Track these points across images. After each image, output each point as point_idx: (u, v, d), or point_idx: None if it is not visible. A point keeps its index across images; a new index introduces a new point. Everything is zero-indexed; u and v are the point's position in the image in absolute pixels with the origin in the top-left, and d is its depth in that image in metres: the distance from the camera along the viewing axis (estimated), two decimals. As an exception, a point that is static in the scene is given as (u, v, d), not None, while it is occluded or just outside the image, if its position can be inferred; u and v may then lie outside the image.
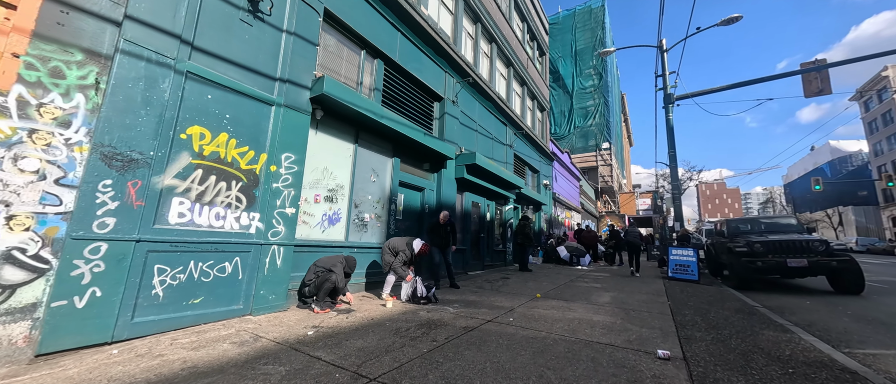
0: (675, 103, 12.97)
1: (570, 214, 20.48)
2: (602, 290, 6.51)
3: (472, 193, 8.94)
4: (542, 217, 14.89)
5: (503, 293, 5.89)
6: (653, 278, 8.91)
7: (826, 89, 10.71)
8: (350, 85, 5.56)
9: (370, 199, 5.78)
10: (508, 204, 11.22)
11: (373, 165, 5.89)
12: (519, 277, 8.10)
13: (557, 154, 18.38)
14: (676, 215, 12.48)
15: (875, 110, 42.86)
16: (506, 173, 9.76)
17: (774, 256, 7.62)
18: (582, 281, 7.85)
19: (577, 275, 8.92)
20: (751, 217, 9.77)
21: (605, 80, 30.73)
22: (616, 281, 8.00)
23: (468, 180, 8.27)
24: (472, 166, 8.03)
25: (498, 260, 10.39)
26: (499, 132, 11.01)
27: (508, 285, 6.79)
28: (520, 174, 12.95)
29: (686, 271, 8.65)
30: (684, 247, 8.98)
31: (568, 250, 12.19)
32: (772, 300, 6.67)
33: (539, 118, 16.39)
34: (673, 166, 12.54)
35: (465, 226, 8.54)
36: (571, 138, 31.82)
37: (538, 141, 14.76)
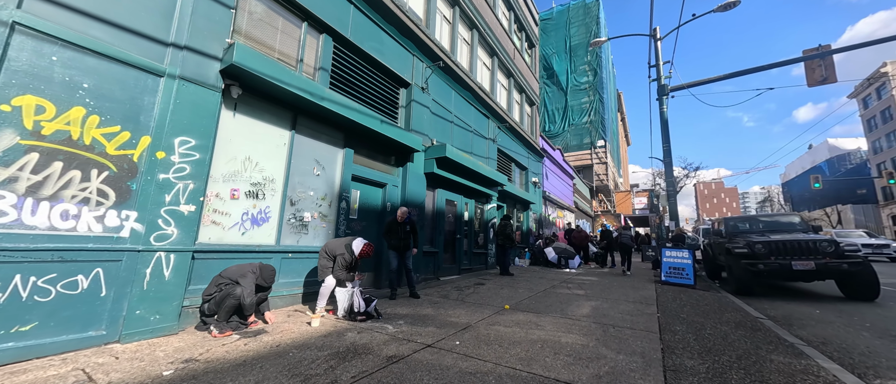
0: (669, 95, 12.23)
1: (563, 214, 19.72)
2: (584, 299, 5.73)
3: (445, 190, 8.15)
4: (530, 216, 14.12)
5: (468, 304, 5.10)
6: (645, 282, 8.14)
7: (830, 77, 9.96)
8: (286, 62, 4.75)
9: (312, 196, 4.98)
10: (490, 202, 10.43)
11: (317, 156, 5.09)
12: (496, 283, 7.31)
13: (548, 151, 17.61)
14: (671, 214, 11.72)
15: (874, 107, 42.33)
16: (485, 169, 8.97)
17: (778, 258, 6.86)
18: (565, 286, 7.07)
19: (562, 280, 8.14)
20: (751, 215, 9.02)
21: (599, 76, 30.02)
22: (603, 286, 7.22)
23: (440, 176, 7.48)
24: (443, 160, 7.24)
25: (478, 263, 9.60)
26: (480, 125, 10.22)
27: (479, 293, 6.00)
28: (504, 171, 12.17)
29: (681, 275, 7.88)
30: (679, 248, 8.21)
31: (556, 252, 11.41)
32: (776, 308, 5.91)
33: (528, 113, 15.63)
34: (667, 161, 11.79)
35: (438, 226, 7.75)
36: (566, 136, 31.09)
37: (526, 136, 13.99)
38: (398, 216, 5.64)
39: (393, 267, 5.54)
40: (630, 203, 30.88)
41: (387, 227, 5.59)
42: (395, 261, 5.56)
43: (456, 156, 7.39)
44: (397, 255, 5.59)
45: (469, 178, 8.67)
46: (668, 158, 11.77)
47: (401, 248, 5.54)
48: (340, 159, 5.51)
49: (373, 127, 5.57)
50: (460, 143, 8.94)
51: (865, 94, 43.98)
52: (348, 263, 4.00)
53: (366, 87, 6.15)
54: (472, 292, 6.07)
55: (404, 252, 5.66)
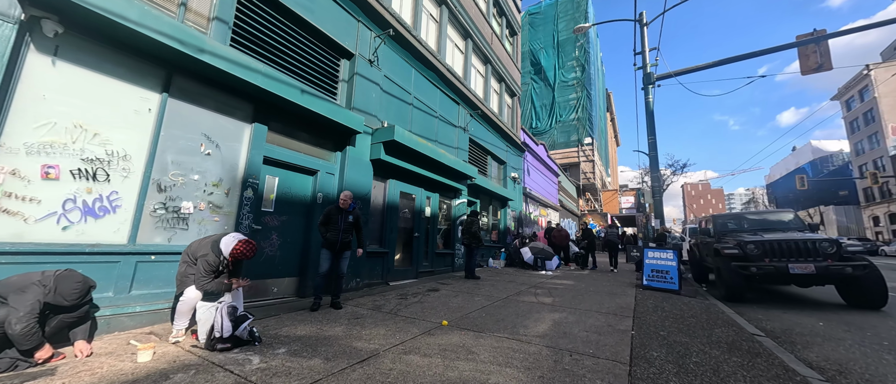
0: (655, 83, 11.40)
1: (546, 212, 18.86)
2: (548, 309, 4.75)
3: (400, 181, 7.10)
4: (508, 214, 13.16)
5: (400, 318, 4.07)
6: (625, 287, 7.23)
7: (826, 64, 9.23)
8: (157, 2, 3.64)
9: (197, 181, 3.87)
10: (459, 197, 9.42)
11: (206, 130, 3.98)
12: (453, 289, 6.29)
13: (531, 145, 16.71)
14: (656, 212, 10.89)
15: (856, 110, 42.78)
16: (449, 158, 7.95)
17: (773, 261, 6.01)
18: (532, 293, 6.10)
19: (533, 284, 7.17)
20: (742, 211, 8.20)
21: (587, 71, 29.35)
22: (576, 292, 6.28)
23: (390, 164, 6.43)
24: (392, 145, 6.19)
25: (443, 265, 8.58)
26: (448, 111, 9.20)
27: (424, 303, 4.97)
28: (478, 163, 11.18)
29: (664, 278, 7.00)
30: (662, 249, 7.33)
31: (532, 252, 10.47)
32: (772, 319, 5.03)
33: (509, 104, 14.67)
34: (653, 155, 10.96)
35: (389, 222, 6.70)
36: (553, 133, 30.35)
37: (506, 129, 13.03)
38: (341, 201, 4.59)
39: (322, 270, 4.47)
40: (617, 202, 30.30)
41: (325, 216, 4.53)
42: (327, 262, 4.50)
43: (408, 140, 6.35)
44: (331, 256, 4.52)
45: (430, 169, 7.63)
46: (653, 151, 10.94)
47: (337, 246, 4.50)
48: (247, 137, 4.41)
49: (291, 98, 4.48)
50: (421, 128, 7.90)
51: (848, 97, 44.46)
52: (213, 268, 2.92)
53: (288, 52, 5.06)
54: (416, 302, 5.04)
55: (342, 252, 4.60)
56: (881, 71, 38.27)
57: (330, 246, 4.54)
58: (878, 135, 39.26)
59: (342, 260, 4.71)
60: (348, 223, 4.66)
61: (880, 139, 38.80)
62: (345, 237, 4.62)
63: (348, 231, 4.67)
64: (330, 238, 4.51)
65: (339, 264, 4.69)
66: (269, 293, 4.64)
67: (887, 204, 38.23)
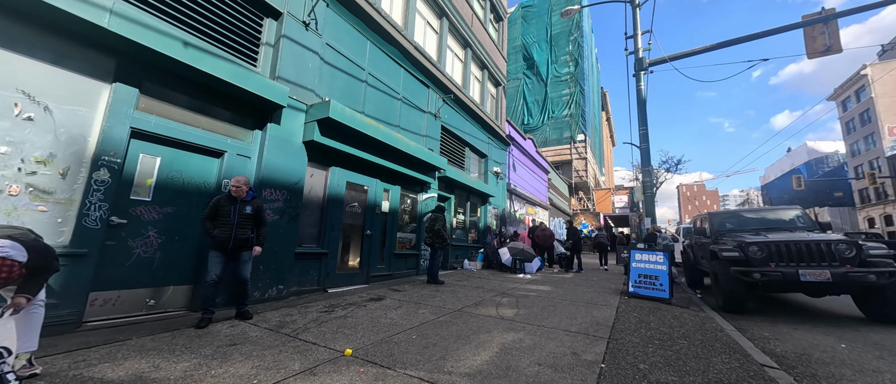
0: (647, 70, 10.45)
1: (534, 211, 17.89)
2: (503, 328, 3.75)
3: (346, 170, 6.06)
4: (489, 211, 12.16)
5: (294, 342, 3.04)
6: (608, 294, 6.25)
7: (834, 47, 8.31)
8: None
9: (5, 155, 2.81)
10: (427, 191, 8.40)
11: (26, 85, 2.92)
12: (401, 298, 5.28)
13: (517, 139, 15.73)
14: (647, 209, 9.95)
15: (853, 110, 42.31)
16: (410, 145, 6.92)
17: (780, 266, 5.06)
18: (494, 303, 5.09)
19: (503, 291, 6.17)
20: (742, 208, 7.25)
21: (581, 66, 28.43)
22: (548, 302, 5.28)
23: (331, 148, 5.39)
24: (328, 124, 5.15)
25: (404, 267, 7.55)
26: (414, 94, 8.17)
27: (346, 319, 3.95)
28: (454, 155, 10.15)
29: (653, 285, 6.03)
30: (652, 251, 6.37)
31: (511, 253, 9.48)
32: (783, 338, 4.07)
33: (492, 93, 13.68)
34: (644, 147, 10.01)
35: (330, 218, 5.66)
36: (545, 129, 29.42)
37: (488, 119, 12.02)
38: (232, 188, 3.65)
39: (211, 277, 3.49)
40: (610, 201, 29.45)
41: (211, 209, 3.59)
42: (219, 266, 3.53)
43: (349, 119, 5.31)
44: (223, 259, 3.56)
45: (388, 157, 6.61)
46: (644, 143, 9.99)
47: (229, 245, 3.55)
48: (104, 101, 3.35)
49: (167, 52, 3.43)
50: (378, 110, 6.86)
51: (844, 97, 44.00)
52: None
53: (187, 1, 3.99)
54: (340, 317, 4.01)
55: (237, 252, 3.65)
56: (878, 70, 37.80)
57: (219, 246, 3.54)
58: (874, 135, 38.78)
59: (241, 263, 3.72)
60: (245, 216, 3.67)
61: (877, 140, 38.32)
62: (241, 234, 3.63)
63: (246, 226, 3.68)
64: (219, 236, 3.53)
65: (239, 268, 3.71)
66: (141, 307, 3.59)
67: (883, 205, 37.78)
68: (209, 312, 3.48)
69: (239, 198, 3.69)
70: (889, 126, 36.87)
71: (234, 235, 3.58)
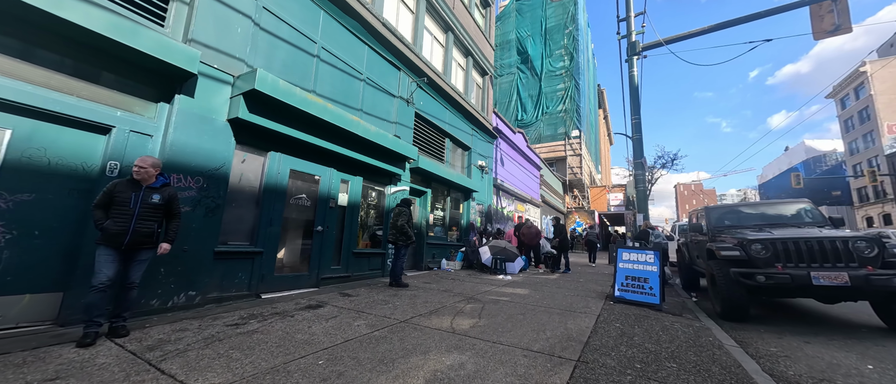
0: (641, 54, 9.70)
1: (524, 208, 17.14)
2: (447, 347, 2.98)
3: (290, 156, 5.26)
4: (472, 208, 11.39)
5: (153, 373, 2.27)
6: (591, 298, 5.49)
7: (844, 25, 7.57)
8: None
9: None
10: (396, 184, 7.61)
11: None
12: (344, 305, 4.50)
13: (506, 132, 14.95)
14: (639, 205, 9.21)
15: (851, 108, 41.78)
16: (369, 130, 6.14)
17: (788, 267, 4.32)
18: (453, 311, 4.32)
19: (471, 295, 5.41)
20: (743, 202, 6.51)
21: (576, 60, 27.67)
22: (520, 307, 4.52)
23: (267, 129, 4.60)
24: (256, 98, 4.35)
25: (365, 268, 6.77)
26: (383, 77, 7.38)
27: (252, 337, 3.17)
28: (431, 146, 9.36)
29: (642, 289, 5.27)
30: (642, 250, 5.61)
31: (492, 252, 8.72)
32: (794, 356, 3.32)
33: (478, 83, 12.90)
34: (637, 137, 9.26)
35: (267, 211, 4.87)
36: (539, 125, 28.66)
37: (472, 109, 11.24)
38: (135, 171, 2.96)
39: (100, 280, 2.72)
40: (606, 199, 28.75)
41: (105, 195, 2.87)
42: (110, 266, 2.77)
43: (284, 93, 4.51)
44: (114, 257, 2.80)
45: (344, 143, 5.82)
46: (637, 133, 9.24)
47: (125, 240, 2.83)
48: (-85, 52, 2.55)
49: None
50: (334, 90, 6.07)
51: (843, 94, 43.47)
52: None
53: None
54: (247, 333, 3.23)
55: (134, 251, 2.93)
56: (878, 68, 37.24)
57: (111, 240, 2.79)
58: (873, 133, 38.25)
59: (135, 263, 2.97)
60: (151, 206, 2.98)
61: (875, 138, 37.79)
62: (142, 227, 2.92)
63: (151, 218, 2.96)
64: (111, 228, 2.79)
65: (131, 269, 2.95)
66: (-22, 319, 2.79)
67: (881, 204, 37.29)
68: (94, 325, 2.72)
69: (144, 181, 2.95)
70: (888, 124, 36.31)
71: (132, 228, 2.84)
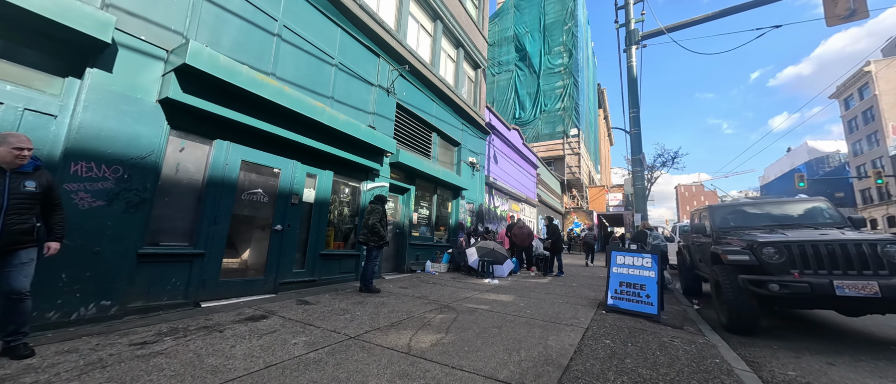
0: (640, 43, 9.11)
1: (519, 207, 16.55)
2: (387, 381, 2.40)
3: (243, 146, 4.68)
4: (461, 206, 10.81)
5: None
6: (581, 307, 4.90)
7: (860, 10, 6.97)
8: None
9: None
10: (373, 180, 7.03)
11: None
12: (295, 315, 3.92)
13: (500, 129, 14.38)
14: (637, 204, 8.62)
15: (855, 108, 41.12)
16: (336, 119, 5.56)
17: (807, 274, 3.74)
18: (419, 323, 3.74)
19: (447, 303, 4.83)
20: (752, 199, 5.91)
21: (575, 57, 27.07)
22: (498, 319, 3.94)
23: (209, 114, 4.02)
24: (191, 75, 3.77)
25: (335, 271, 6.19)
26: (360, 63, 6.80)
27: (154, 359, 2.59)
28: (415, 140, 8.78)
29: (638, 297, 4.68)
30: (639, 253, 5.02)
31: (479, 253, 8.14)
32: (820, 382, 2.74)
33: (470, 76, 12.33)
34: (635, 132, 8.67)
35: (212, 206, 4.29)
36: (537, 124, 28.07)
37: (462, 103, 10.67)
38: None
39: None
40: (604, 199, 28.15)
41: None
42: None
43: (225, 71, 3.93)
44: None
45: (309, 133, 5.25)
46: (635, 127, 8.65)
47: None
48: None
49: None
50: (298, 74, 5.49)
51: (847, 95, 42.80)
52: None
53: None
54: (148, 355, 2.65)
55: (11, 252, 2.39)
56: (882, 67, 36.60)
57: None
58: (877, 134, 37.60)
59: (14, 268, 2.41)
60: (25, 196, 2.42)
61: (880, 139, 37.14)
62: (16, 223, 2.36)
63: (26, 210, 2.42)
64: None
65: (11, 276, 2.40)
66: None
67: (886, 206, 36.63)
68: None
69: (12, 167, 2.38)
70: (893, 125, 35.67)
71: (1, 226, 2.27)
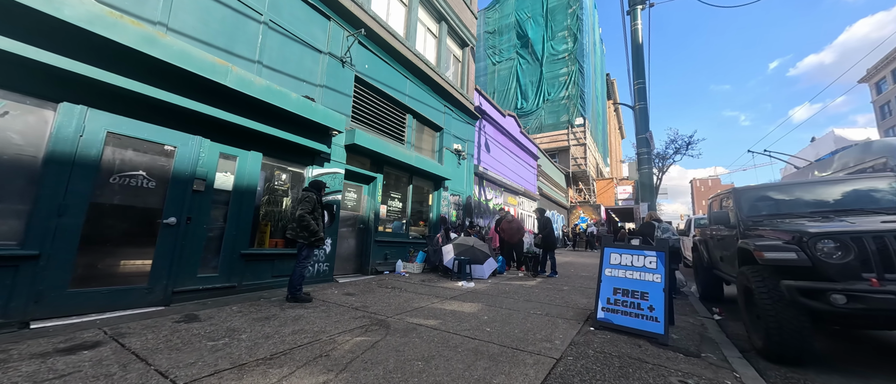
0: (646, 3, 7.75)
1: (517, 201, 15.28)
2: None
3: (114, 114, 3.63)
4: (443, 199, 9.65)
5: None
6: (562, 321, 3.71)
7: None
8: None
9: None
10: (321, 165, 5.93)
11: None
12: (151, 339, 2.85)
13: (493, 115, 13.13)
14: (643, 193, 7.33)
15: (889, 92, 38.09)
16: (250, 84, 4.47)
17: (890, 281, 2.47)
18: (315, 353, 2.62)
19: (382, 318, 3.70)
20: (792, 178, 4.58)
21: (580, 42, 25.47)
22: (433, 347, 2.78)
23: (48, 67, 2.98)
24: (6, 5, 2.72)
25: (267, 273, 5.12)
26: (303, 26, 5.70)
27: None
28: (383, 121, 7.63)
29: (638, 310, 3.45)
30: (640, 250, 3.78)
31: (456, 251, 6.98)
32: None
33: (456, 55, 11.12)
34: (641, 107, 7.35)
35: (52, 195, 3.25)
36: (540, 114, 26.60)
37: (444, 83, 9.49)
38: None
39: None
40: (613, 193, 26.53)
41: None
42: None
43: (46, 3, 2.86)
44: None
45: (218, 103, 4.18)
46: (640, 100, 7.33)
47: None
48: None
49: None
50: (206, 30, 4.40)
51: (879, 78, 39.71)
52: None
53: None
54: None
55: None
56: (921, 46, 33.60)
57: None
58: (914, 119, 34.69)
59: None
60: None
61: (917, 124, 34.24)
62: None
63: None
64: None
65: None
66: None
67: (924, 197, 33.73)
68: None
69: None
70: (933, 108, 32.77)
71: None
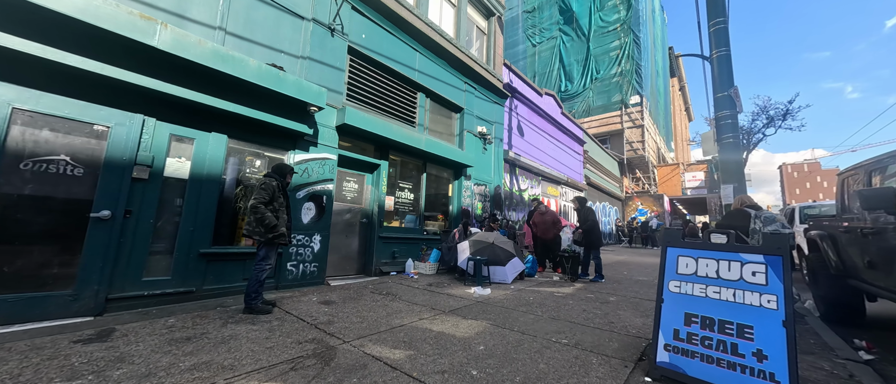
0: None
1: (559, 191, 13.45)
2: None
3: (12, 84, 3.08)
4: (465, 188, 8.44)
5: None
6: (596, 358, 2.36)
7: None
8: None
9: None
10: (305, 150, 5.11)
11: None
12: (12, 366, 2.14)
13: (527, 93, 11.53)
14: (725, 172, 5.42)
15: None
16: (188, 45, 3.72)
17: None
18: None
19: (334, 344, 2.69)
20: None
21: (635, 9, 22.20)
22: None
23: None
24: None
25: (238, 276, 4.41)
26: (278, -12, 4.91)
27: None
28: (388, 100, 6.63)
29: (732, 351, 1.98)
30: (732, 251, 2.26)
31: (473, 250, 5.78)
32: None
33: (481, 26, 9.82)
34: (722, 53, 5.44)
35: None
36: (587, 95, 23.83)
37: (465, 56, 8.27)
38: None
39: None
40: (679, 180, 22.84)
41: None
42: None
43: None
44: None
45: (162, 74, 3.52)
46: (721, 46, 5.43)
47: None
48: None
49: None
50: None
51: None
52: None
53: None
54: None
55: None
56: None
57: None
58: None
59: None
60: None
61: None
62: None
63: None
64: None
65: None
66: None
67: None
68: None
69: None
70: None
71: None
